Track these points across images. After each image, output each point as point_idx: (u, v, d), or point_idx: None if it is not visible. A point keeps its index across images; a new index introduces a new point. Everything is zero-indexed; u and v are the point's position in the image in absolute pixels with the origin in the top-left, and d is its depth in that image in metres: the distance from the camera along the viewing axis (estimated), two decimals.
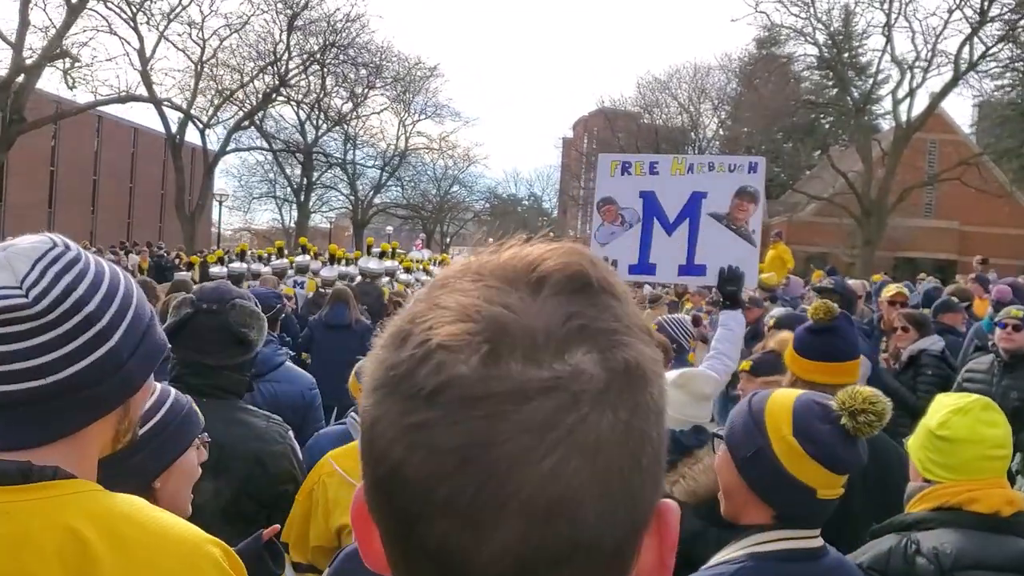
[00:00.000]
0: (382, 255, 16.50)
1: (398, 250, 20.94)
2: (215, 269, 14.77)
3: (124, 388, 1.29)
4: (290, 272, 14.55)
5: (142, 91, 32.47)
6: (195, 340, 2.72)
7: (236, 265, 14.65)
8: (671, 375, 3.20)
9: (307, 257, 15.81)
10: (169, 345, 1.42)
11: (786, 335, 4.28)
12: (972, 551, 2.13)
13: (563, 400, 0.56)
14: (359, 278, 12.54)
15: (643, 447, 0.60)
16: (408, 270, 16.81)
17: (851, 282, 9.73)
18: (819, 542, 1.88)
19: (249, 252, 19.42)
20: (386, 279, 13.86)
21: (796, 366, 3.19)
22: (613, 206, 4.69)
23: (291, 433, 2.89)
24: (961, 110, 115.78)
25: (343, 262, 15.63)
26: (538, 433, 0.55)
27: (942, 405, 2.36)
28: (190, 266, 19.33)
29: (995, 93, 44.30)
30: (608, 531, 0.58)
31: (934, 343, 5.91)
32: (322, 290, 11.28)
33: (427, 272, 17.30)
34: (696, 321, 7.80)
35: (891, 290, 7.21)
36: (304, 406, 4.09)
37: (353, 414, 3.54)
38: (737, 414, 1.98)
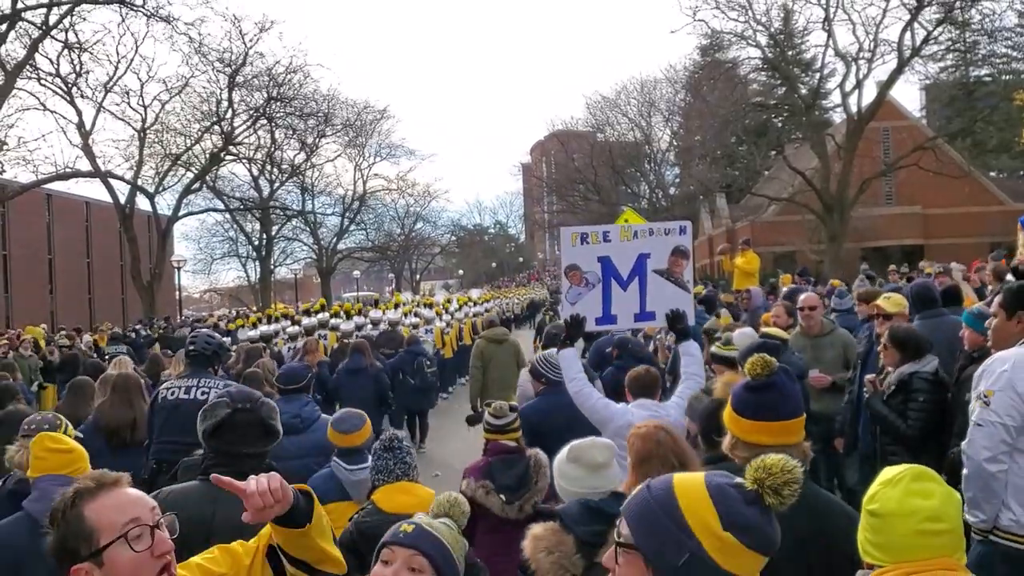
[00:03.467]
0: (397, 306, 19.94)
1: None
2: (251, 332, 16.70)
3: None
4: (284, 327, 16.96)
5: (85, 165, 31.87)
6: (233, 434, 3.23)
7: (266, 328, 16.95)
8: (562, 452, 3.19)
9: (327, 314, 17.82)
10: None
11: (730, 377, 4.44)
12: None
13: None
14: (382, 325, 15.08)
15: None
16: (429, 306, 20.35)
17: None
18: None
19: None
20: (407, 321, 16.64)
21: (736, 427, 2.95)
22: (577, 272, 5.80)
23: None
24: (909, 95, 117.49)
25: (358, 314, 18.51)
26: None
27: (879, 476, 2.08)
28: (155, 340, 19.62)
29: (940, 75, 44.81)
30: None
31: (926, 364, 5.33)
32: (344, 340, 13.25)
33: (447, 311, 21.10)
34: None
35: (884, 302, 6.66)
36: (329, 448, 4.84)
37: (336, 459, 4.52)
38: (641, 514, 1.67)
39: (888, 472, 2.07)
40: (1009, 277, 10.94)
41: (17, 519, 3.43)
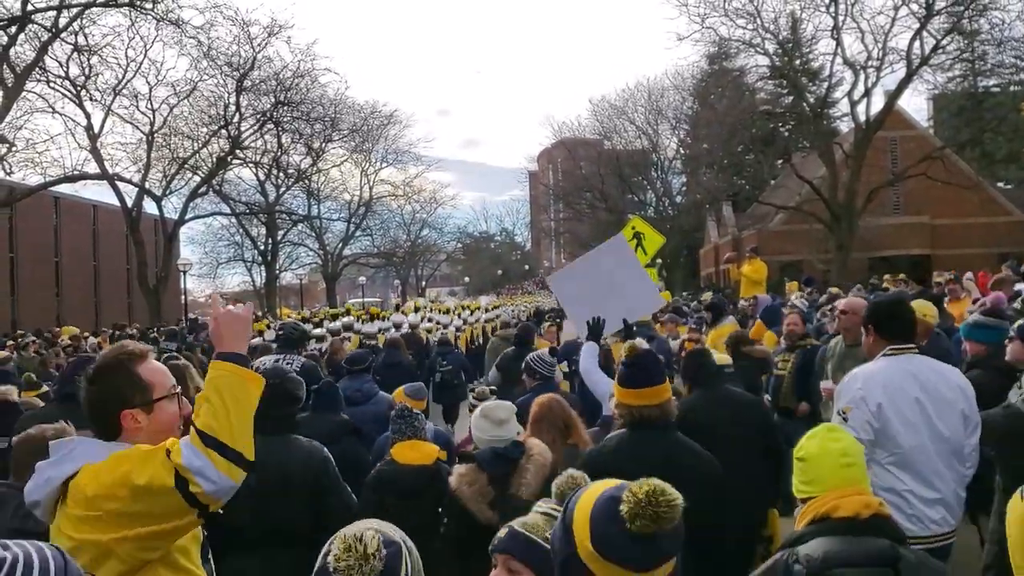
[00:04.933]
0: (416, 309, 21.29)
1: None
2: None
3: None
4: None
5: (93, 167, 31.92)
6: (265, 399, 3.60)
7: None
8: (476, 411, 4.29)
9: (351, 318, 19.08)
10: None
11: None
12: (837, 553, 2.48)
13: None
14: (404, 328, 15.90)
15: None
16: (446, 312, 21.87)
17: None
18: None
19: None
20: (426, 325, 17.79)
21: (618, 394, 3.98)
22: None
23: (326, 449, 4.41)
24: (916, 106, 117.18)
25: (380, 318, 20.12)
26: None
27: (805, 435, 2.83)
28: (155, 342, 19.72)
29: (948, 85, 44.70)
30: None
31: None
32: (366, 342, 14.41)
33: (460, 315, 22.20)
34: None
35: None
36: (387, 417, 5.57)
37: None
38: (559, 522, 2.01)
39: (809, 432, 2.81)
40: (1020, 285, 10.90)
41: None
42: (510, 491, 3.63)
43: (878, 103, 31.70)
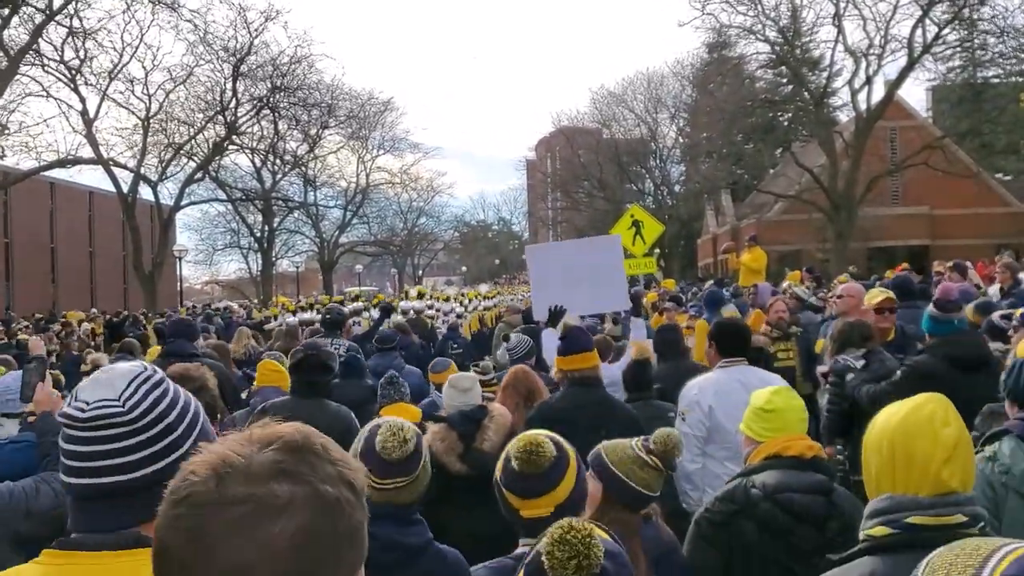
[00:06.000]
0: (420, 296, 22.39)
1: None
2: (291, 319, 18.74)
3: None
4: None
5: (88, 152, 31.71)
6: (303, 368, 5.13)
7: (304, 316, 19.22)
8: (446, 381, 4.89)
9: (360, 304, 20.49)
10: None
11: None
12: (786, 482, 3.09)
13: (254, 508, 0.94)
14: (410, 314, 16.46)
15: (314, 545, 0.95)
16: (448, 300, 23.18)
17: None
18: None
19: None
20: (430, 311, 18.62)
21: (558, 362, 4.99)
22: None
23: (352, 414, 5.12)
24: (915, 97, 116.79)
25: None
26: (233, 525, 0.93)
27: (764, 391, 3.42)
28: (160, 334, 20.03)
29: (948, 75, 44.55)
30: None
31: (853, 355, 5.59)
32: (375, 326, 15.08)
33: (460, 303, 23.06)
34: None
35: (876, 296, 6.52)
36: (422, 385, 7.26)
37: (436, 394, 6.25)
38: None
39: (772, 390, 3.42)
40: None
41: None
42: (475, 445, 4.24)
43: (879, 92, 31.54)
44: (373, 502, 2.17)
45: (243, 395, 7.07)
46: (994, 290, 10.86)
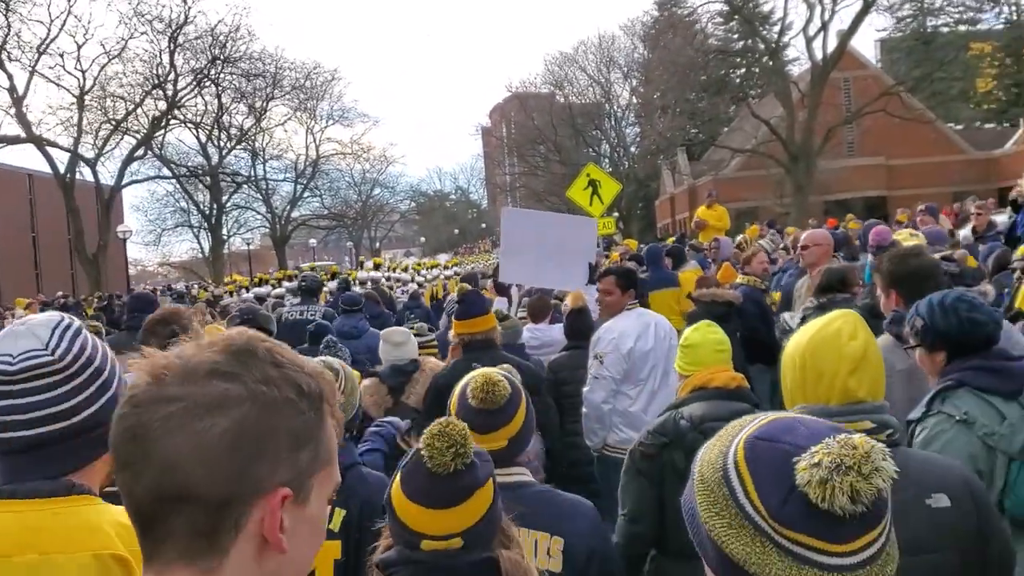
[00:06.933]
0: (377, 267, 22.96)
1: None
2: (246, 295, 19.49)
3: None
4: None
5: (17, 132, 30.33)
6: None
7: (259, 290, 19.88)
8: (381, 335, 5.25)
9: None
10: None
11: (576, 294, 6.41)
12: (711, 412, 3.26)
13: (188, 406, 0.97)
14: (368, 285, 16.61)
15: (247, 442, 0.98)
16: (406, 269, 23.35)
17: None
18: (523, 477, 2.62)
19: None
20: (388, 282, 18.98)
21: (455, 326, 4.98)
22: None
23: None
24: (864, 49, 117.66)
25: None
26: (168, 422, 0.96)
27: (688, 328, 3.61)
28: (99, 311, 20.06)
29: (898, 25, 44.51)
30: (209, 487, 0.96)
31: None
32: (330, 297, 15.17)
33: (420, 273, 23.06)
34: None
35: (908, 241, 5.89)
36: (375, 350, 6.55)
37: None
38: None
39: (694, 326, 3.56)
40: (1002, 218, 10.46)
41: None
42: (402, 399, 4.42)
43: (832, 41, 31.19)
44: None
45: None
46: (966, 233, 10.52)
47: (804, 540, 1.12)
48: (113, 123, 35.63)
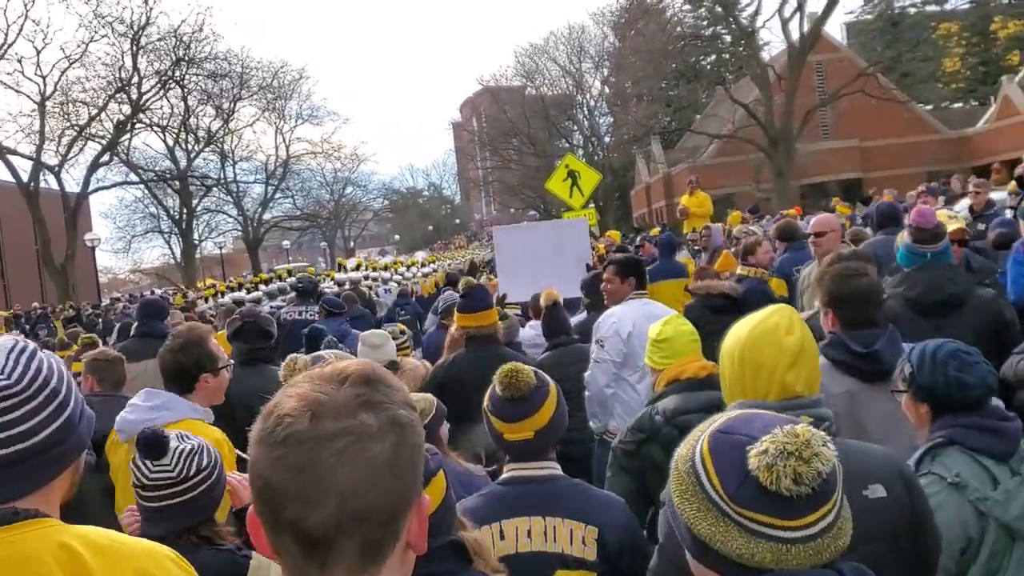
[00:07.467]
0: (357, 267, 23.24)
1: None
2: (224, 299, 19.44)
3: (79, 444, 1.66)
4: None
5: None
6: (244, 335, 5.21)
7: (236, 295, 19.84)
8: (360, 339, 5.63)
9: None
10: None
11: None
12: (683, 404, 3.38)
13: (354, 439, 1.05)
14: (346, 286, 16.89)
15: (401, 462, 1.09)
16: (386, 268, 23.63)
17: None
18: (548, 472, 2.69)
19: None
20: (367, 282, 19.03)
21: (457, 320, 5.18)
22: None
23: None
24: (832, 32, 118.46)
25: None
26: (342, 456, 1.04)
27: (656, 323, 3.76)
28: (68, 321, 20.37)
29: (864, 8, 44.59)
30: (381, 506, 1.06)
31: None
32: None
33: (396, 271, 23.46)
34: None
35: (950, 225, 5.49)
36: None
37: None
38: None
39: (663, 320, 3.77)
40: (1005, 193, 10.24)
41: None
42: None
43: (807, 24, 30.98)
44: None
45: None
46: (964, 212, 10.23)
47: (759, 518, 1.28)
48: (76, 129, 34.75)
